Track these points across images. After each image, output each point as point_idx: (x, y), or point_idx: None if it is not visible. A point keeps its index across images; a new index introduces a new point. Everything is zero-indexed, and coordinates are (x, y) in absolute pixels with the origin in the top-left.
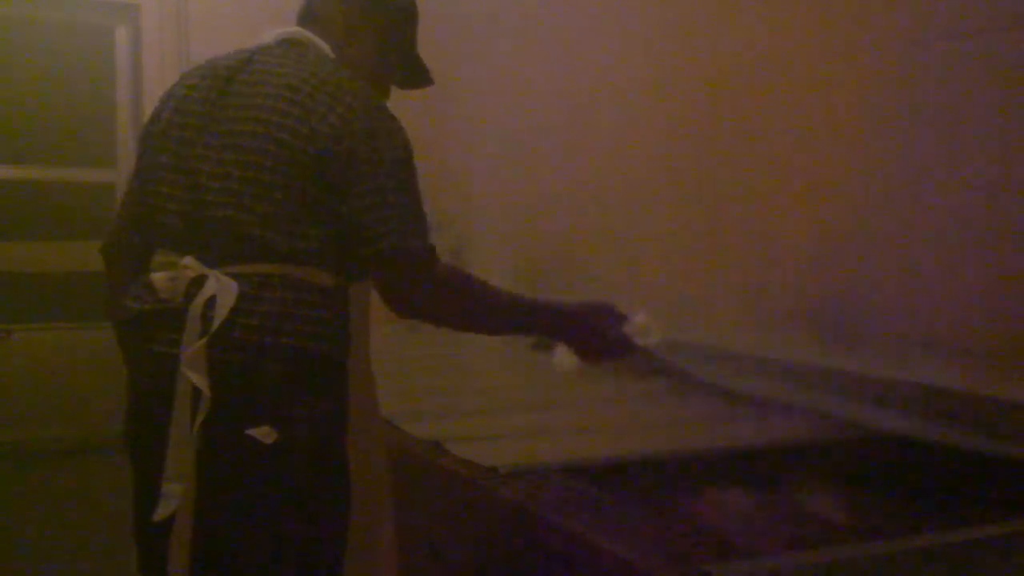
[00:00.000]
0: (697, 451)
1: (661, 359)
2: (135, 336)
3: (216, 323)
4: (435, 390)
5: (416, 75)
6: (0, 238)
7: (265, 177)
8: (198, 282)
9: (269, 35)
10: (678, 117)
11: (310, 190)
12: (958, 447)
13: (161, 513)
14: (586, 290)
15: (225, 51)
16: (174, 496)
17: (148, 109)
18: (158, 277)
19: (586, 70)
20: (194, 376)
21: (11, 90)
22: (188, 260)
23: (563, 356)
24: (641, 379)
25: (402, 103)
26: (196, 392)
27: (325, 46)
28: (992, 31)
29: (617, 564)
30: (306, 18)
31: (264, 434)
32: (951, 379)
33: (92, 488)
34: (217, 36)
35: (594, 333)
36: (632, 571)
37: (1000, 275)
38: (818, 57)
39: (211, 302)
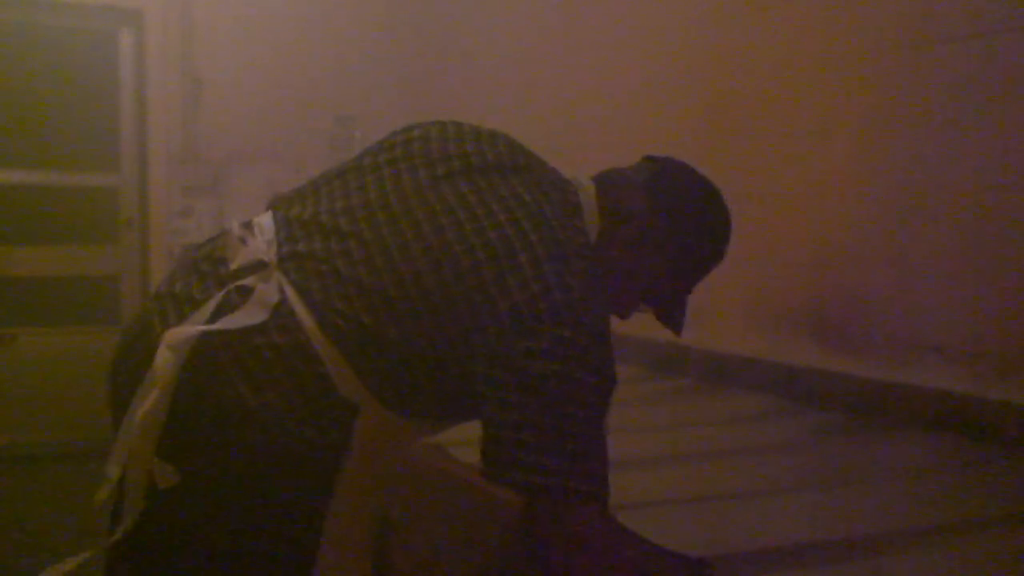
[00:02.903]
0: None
1: None
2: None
3: (219, 325)
4: None
5: (671, 315)
6: (5, 242)
7: (417, 298)
8: (254, 270)
9: (574, 175)
10: (678, 123)
11: (440, 343)
12: None
13: (97, 497)
14: None
15: (228, 56)
16: (108, 482)
17: (151, 114)
18: (239, 226)
19: (586, 76)
20: (161, 355)
21: (15, 95)
22: (270, 230)
23: None
24: (646, 381)
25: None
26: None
27: (593, 225)
28: (991, 34)
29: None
30: (605, 185)
31: (165, 474)
32: (952, 382)
33: (97, 491)
34: (220, 42)
35: None
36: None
37: (1000, 279)
38: (817, 63)
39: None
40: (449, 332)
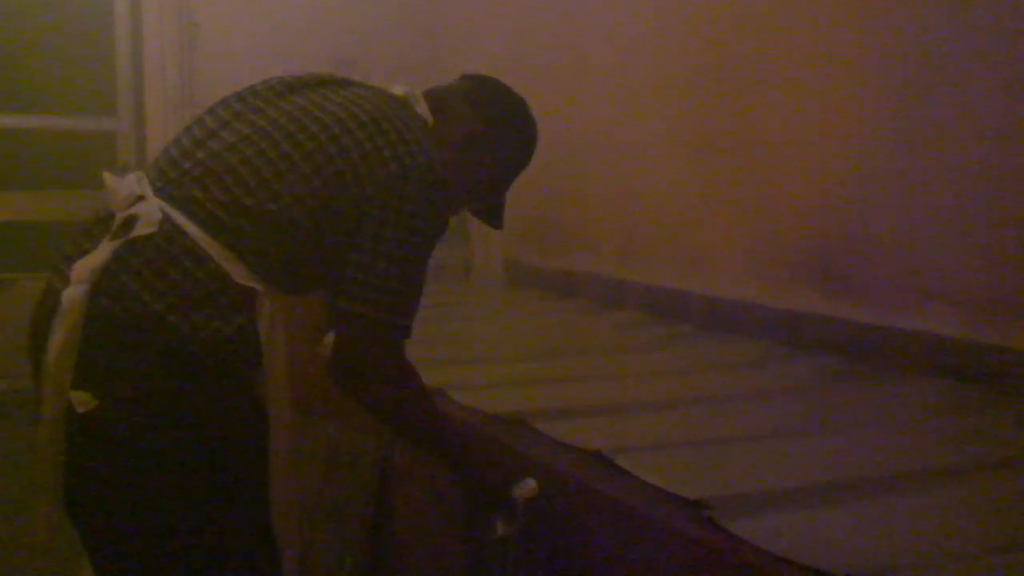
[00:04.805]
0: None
1: None
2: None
3: (115, 246)
4: (438, 338)
5: (490, 211)
6: (2, 187)
7: (287, 171)
8: (135, 203)
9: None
10: (679, 70)
11: (317, 212)
12: None
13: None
14: (590, 243)
15: (224, 7)
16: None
17: (147, 59)
18: (112, 179)
19: (587, 19)
20: (69, 292)
21: (12, 40)
22: (144, 178)
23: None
24: (647, 327)
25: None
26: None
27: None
28: None
29: (619, 509)
30: (433, 97)
31: (81, 401)
32: (949, 327)
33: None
34: None
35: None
36: (633, 515)
37: (1000, 225)
38: (820, 8)
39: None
40: (320, 199)
